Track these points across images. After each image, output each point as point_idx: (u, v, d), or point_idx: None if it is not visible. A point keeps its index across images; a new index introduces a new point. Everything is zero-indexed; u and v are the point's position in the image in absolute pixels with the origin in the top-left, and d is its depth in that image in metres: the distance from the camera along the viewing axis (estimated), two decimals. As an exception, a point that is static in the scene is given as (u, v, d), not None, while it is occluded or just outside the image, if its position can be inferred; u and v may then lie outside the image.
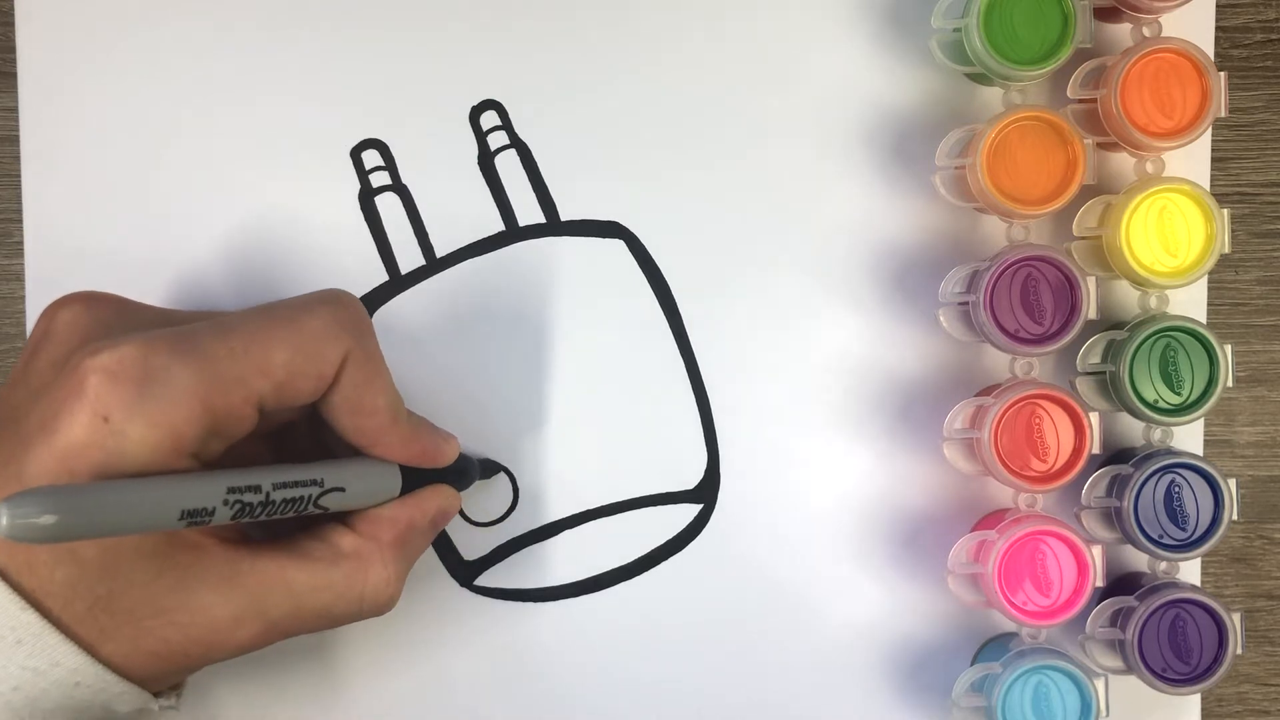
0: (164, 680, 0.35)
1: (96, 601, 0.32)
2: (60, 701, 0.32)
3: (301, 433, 0.38)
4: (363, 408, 0.35)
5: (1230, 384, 0.40)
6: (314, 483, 0.34)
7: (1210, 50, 0.43)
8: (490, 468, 0.43)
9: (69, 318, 0.35)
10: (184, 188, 0.43)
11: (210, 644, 0.34)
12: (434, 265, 0.43)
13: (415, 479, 0.38)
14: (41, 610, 0.31)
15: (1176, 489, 0.40)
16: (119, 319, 0.35)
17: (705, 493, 0.44)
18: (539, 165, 0.43)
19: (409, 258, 0.43)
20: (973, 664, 0.43)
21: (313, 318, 0.34)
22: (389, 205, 0.43)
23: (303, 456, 0.36)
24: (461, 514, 0.43)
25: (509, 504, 0.43)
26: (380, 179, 0.43)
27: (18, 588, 0.31)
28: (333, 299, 0.35)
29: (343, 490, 0.35)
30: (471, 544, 0.43)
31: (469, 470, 0.41)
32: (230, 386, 0.32)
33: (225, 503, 0.31)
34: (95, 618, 0.32)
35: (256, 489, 0.32)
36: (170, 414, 0.31)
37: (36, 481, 0.30)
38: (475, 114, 0.43)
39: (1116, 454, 0.43)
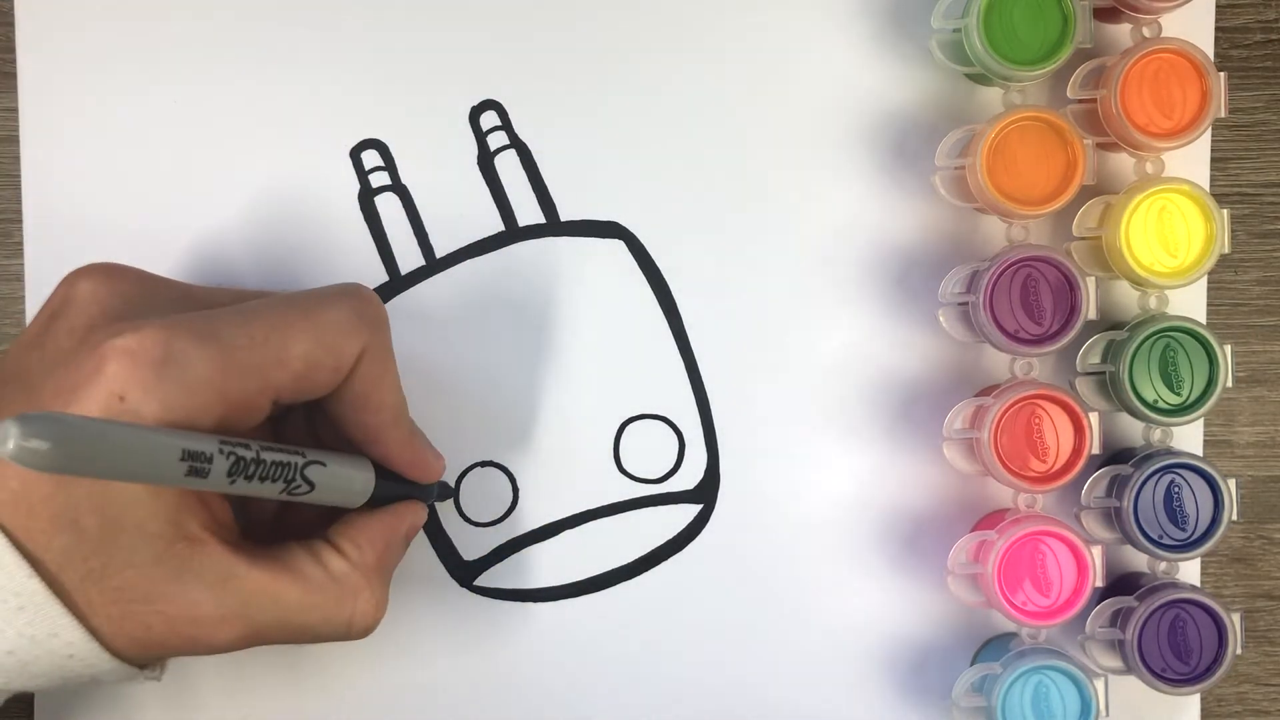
0: (143, 660, 0.35)
1: (89, 574, 0.32)
2: (50, 669, 0.33)
3: (296, 425, 0.38)
4: (369, 404, 0.36)
5: (1230, 384, 0.40)
6: (297, 453, 0.34)
7: (1210, 50, 0.43)
8: (446, 491, 0.42)
9: (90, 288, 0.35)
10: (183, 189, 0.43)
11: (193, 639, 0.34)
12: (434, 266, 0.43)
13: (385, 485, 0.38)
14: (39, 575, 0.31)
15: (1176, 489, 0.40)
16: (139, 293, 0.35)
17: (705, 493, 0.44)
18: (539, 165, 0.43)
19: (409, 258, 0.43)
20: (973, 664, 0.43)
21: (333, 310, 0.34)
22: (389, 205, 0.43)
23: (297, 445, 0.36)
24: (462, 514, 0.43)
25: (508, 504, 0.43)
26: (380, 179, 0.43)
27: (19, 549, 0.31)
28: (353, 292, 0.36)
29: (324, 465, 0.35)
30: (471, 544, 0.43)
31: (432, 490, 0.40)
32: (248, 376, 0.32)
33: (221, 451, 0.31)
34: (85, 590, 0.32)
35: (247, 445, 0.32)
36: (186, 400, 0.31)
37: None
38: (475, 114, 0.43)
39: (1116, 454, 0.43)
